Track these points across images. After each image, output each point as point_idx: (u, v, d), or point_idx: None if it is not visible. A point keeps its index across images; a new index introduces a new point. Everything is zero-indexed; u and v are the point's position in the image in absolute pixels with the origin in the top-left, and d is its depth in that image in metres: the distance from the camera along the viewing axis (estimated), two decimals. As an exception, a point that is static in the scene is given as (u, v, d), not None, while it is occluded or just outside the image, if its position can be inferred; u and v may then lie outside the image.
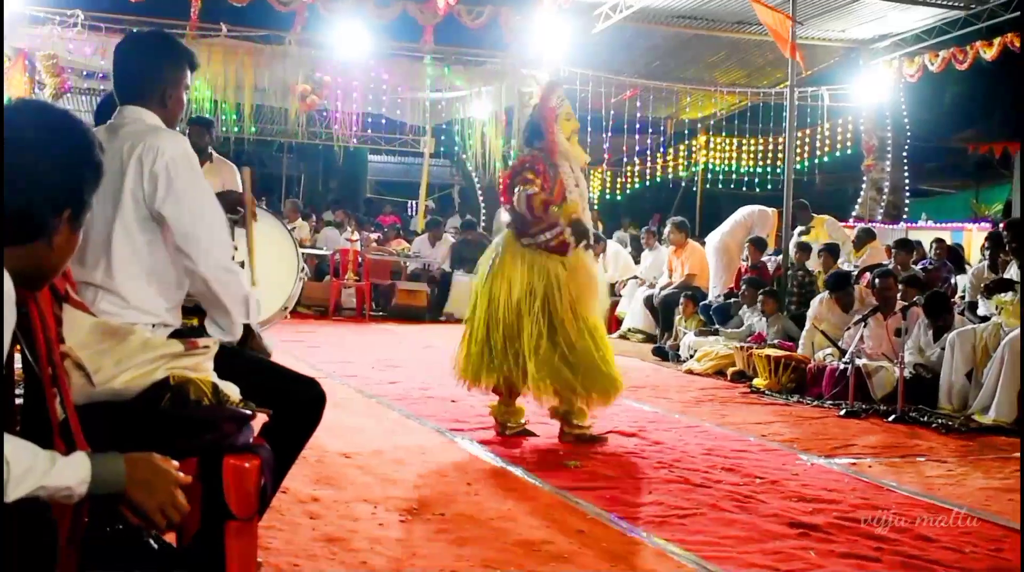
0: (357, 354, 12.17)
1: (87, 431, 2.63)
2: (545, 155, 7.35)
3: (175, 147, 3.73)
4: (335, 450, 6.59)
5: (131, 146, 3.67)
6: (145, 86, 3.90)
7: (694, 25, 19.24)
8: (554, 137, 7.40)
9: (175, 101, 3.97)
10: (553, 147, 7.37)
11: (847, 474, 6.77)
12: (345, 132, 21.05)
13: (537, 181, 7.20)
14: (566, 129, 7.49)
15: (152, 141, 3.70)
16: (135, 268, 3.71)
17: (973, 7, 17.66)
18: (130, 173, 3.66)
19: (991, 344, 9.04)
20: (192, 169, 3.76)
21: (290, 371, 3.90)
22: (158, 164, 3.66)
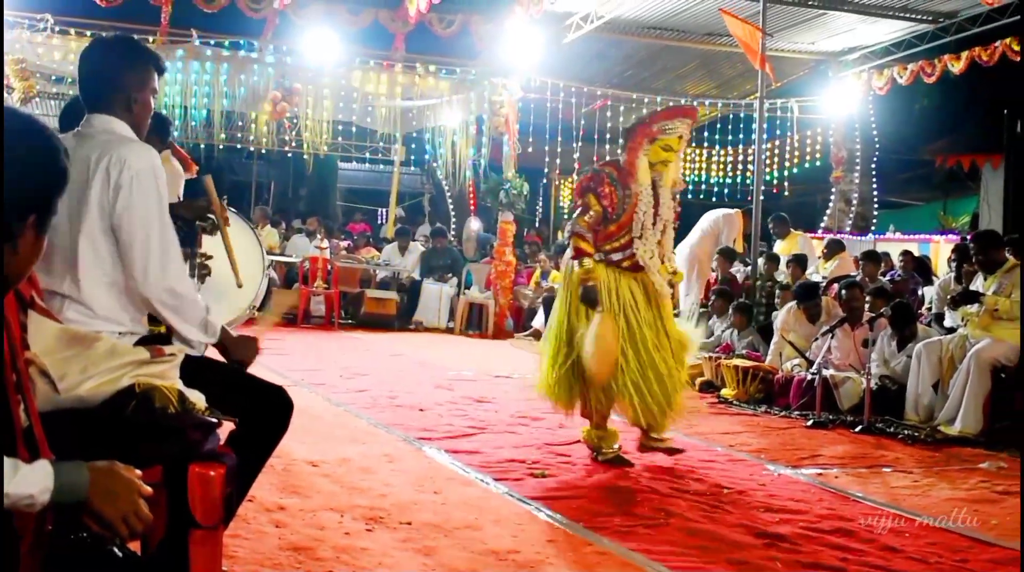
0: (325, 362, 12.15)
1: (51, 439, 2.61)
2: (619, 174, 7.13)
3: (142, 160, 3.69)
4: (302, 458, 6.57)
5: (99, 156, 3.64)
6: (111, 91, 3.85)
7: (665, 36, 19.30)
8: (634, 159, 7.12)
9: (141, 106, 3.93)
10: (630, 170, 7.11)
11: (814, 484, 6.81)
12: (315, 139, 21.00)
13: (596, 206, 7.08)
14: (656, 156, 7.15)
15: (120, 152, 3.66)
16: (101, 278, 3.67)
17: (941, 21, 17.79)
18: (96, 183, 3.62)
19: (957, 356, 9.09)
20: (155, 186, 3.71)
21: (257, 379, 3.88)
22: (123, 176, 3.62)
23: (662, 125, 7.10)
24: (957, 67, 18.01)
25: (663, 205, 7.20)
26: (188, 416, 3.21)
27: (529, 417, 8.85)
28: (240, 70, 19.39)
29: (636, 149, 7.11)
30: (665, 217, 7.21)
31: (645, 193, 7.08)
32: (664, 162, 7.15)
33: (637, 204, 7.05)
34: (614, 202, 7.06)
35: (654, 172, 7.15)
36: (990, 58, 17.43)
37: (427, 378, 11.23)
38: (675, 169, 7.31)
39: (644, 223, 7.06)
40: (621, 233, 7.06)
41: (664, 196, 7.20)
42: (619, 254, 7.07)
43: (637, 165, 7.09)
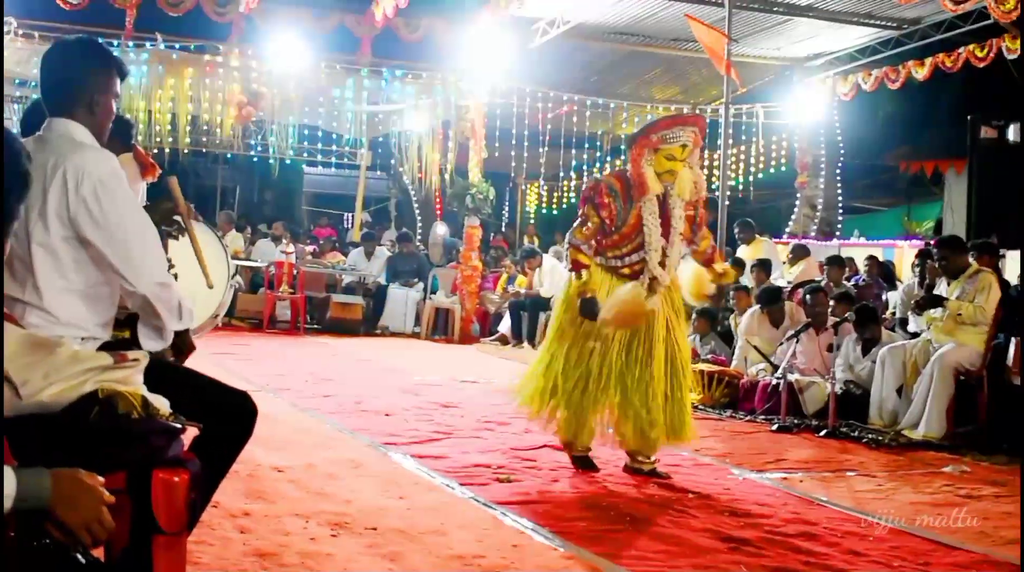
0: (291, 367, 12.11)
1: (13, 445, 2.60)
2: (622, 185, 6.95)
3: (101, 167, 3.63)
4: (267, 464, 6.55)
5: (55, 163, 3.58)
6: (72, 94, 3.80)
7: (631, 41, 19.35)
8: (639, 170, 6.89)
9: (103, 109, 3.87)
10: (638, 181, 6.89)
11: (778, 489, 6.83)
12: (281, 144, 20.95)
13: (594, 217, 6.96)
14: (660, 166, 6.89)
15: (77, 160, 3.59)
16: (63, 285, 3.62)
17: (905, 27, 17.91)
18: (54, 192, 3.57)
19: (921, 360, 9.15)
20: (121, 189, 3.66)
21: (221, 384, 3.87)
22: (84, 187, 3.55)
23: (662, 134, 6.90)
24: (921, 73, 18.13)
25: (674, 216, 6.97)
26: (152, 422, 3.19)
27: (495, 422, 8.85)
28: (205, 74, 19.35)
29: (637, 160, 6.89)
30: (677, 228, 6.98)
31: (650, 204, 6.88)
32: (670, 172, 6.89)
33: (642, 215, 6.88)
34: (613, 214, 6.90)
35: (664, 182, 6.91)
36: (954, 64, 17.55)
37: (393, 383, 11.21)
38: (688, 178, 6.99)
39: (651, 235, 6.87)
40: (624, 242, 6.93)
41: (676, 206, 6.98)
42: (619, 261, 6.97)
43: (645, 175, 6.85)
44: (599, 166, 24.65)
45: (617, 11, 17.47)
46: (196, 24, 19.25)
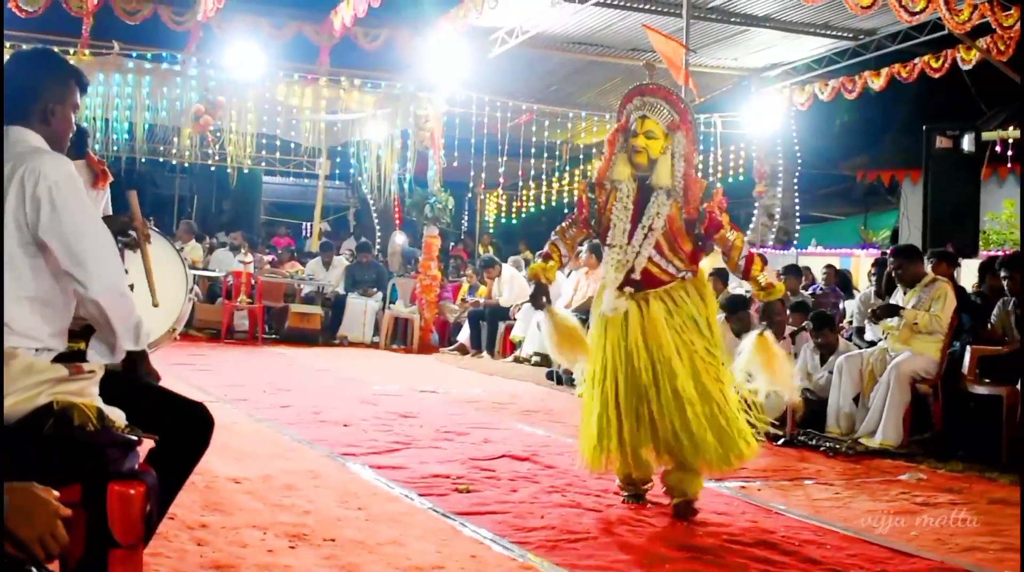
0: (249, 377, 12.06)
1: (-34, 458, 2.58)
2: (599, 177, 6.45)
3: (57, 170, 3.61)
4: (224, 475, 6.51)
5: (12, 168, 3.56)
6: (28, 103, 3.78)
7: (589, 51, 19.39)
8: (609, 155, 6.38)
9: (59, 119, 3.86)
10: (605, 167, 6.40)
11: (737, 497, 6.85)
12: (239, 153, 20.87)
13: (575, 220, 6.57)
14: (630, 149, 6.27)
15: (34, 164, 3.57)
16: (18, 294, 3.58)
17: (861, 38, 18.03)
18: (11, 196, 3.54)
19: (878, 369, 9.21)
20: (76, 192, 3.64)
21: (177, 395, 3.85)
22: (40, 188, 3.54)
23: (627, 111, 6.37)
24: (877, 83, 18.28)
25: (647, 209, 6.20)
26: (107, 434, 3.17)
27: (454, 432, 8.83)
28: (163, 83, 19.23)
29: (611, 143, 6.38)
30: (652, 223, 6.18)
31: (622, 194, 6.25)
32: (637, 152, 6.20)
33: (612, 207, 6.29)
34: (585, 214, 6.46)
35: (637, 168, 6.23)
36: (909, 75, 17.70)
37: (352, 393, 11.18)
38: (665, 165, 6.21)
39: (616, 228, 6.24)
40: (604, 241, 6.40)
41: (655, 199, 6.20)
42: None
43: (613, 161, 6.30)
44: (558, 175, 24.72)
45: (575, 21, 17.51)
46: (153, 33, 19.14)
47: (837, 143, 25.89)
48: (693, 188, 6.25)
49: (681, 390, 6.02)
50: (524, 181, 24.93)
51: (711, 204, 6.28)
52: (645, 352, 6.12)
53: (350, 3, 17.25)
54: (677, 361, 6.08)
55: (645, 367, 6.10)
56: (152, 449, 3.60)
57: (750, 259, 6.42)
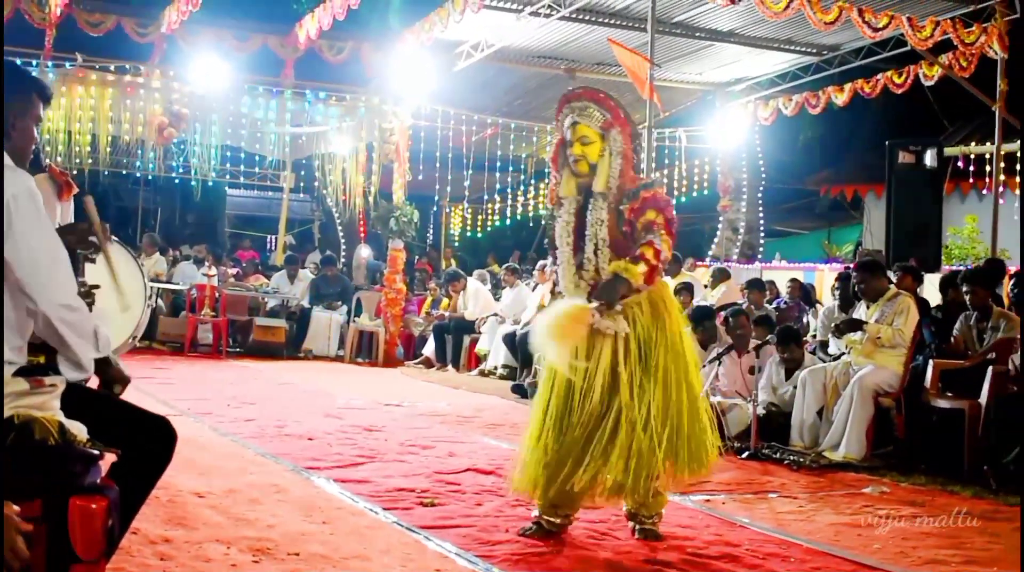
0: (213, 391, 12.00)
1: (-75, 472, 2.55)
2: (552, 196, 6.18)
3: (16, 185, 3.57)
4: (187, 489, 6.47)
5: None
6: None
7: (554, 65, 19.45)
8: (555, 169, 6.09)
9: (20, 132, 3.82)
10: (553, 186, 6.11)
11: (701, 511, 6.86)
12: (203, 166, 20.78)
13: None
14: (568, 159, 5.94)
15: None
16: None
17: (825, 53, 18.18)
18: None
19: (841, 382, 9.25)
20: (34, 207, 3.60)
21: (140, 409, 3.82)
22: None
23: (560, 123, 6.07)
24: (840, 99, 18.41)
25: (590, 219, 5.83)
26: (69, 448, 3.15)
27: (419, 445, 8.81)
28: (126, 95, 19.16)
29: (555, 162, 6.07)
30: (592, 235, 5.80)
31: (563, 211, 5.96)
32: (577, 161, 5.87)
33: (556, 225, 6.00)
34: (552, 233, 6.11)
35: (580, 180, 5.92)
36: (872, 90, 17.84)
37: (316, 407, 11.14)
38: (604, 167, 5.84)
39: (561, 242, 5.93)
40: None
41: (595, 207, 5.82)
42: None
43: (561, 175, 5.98)
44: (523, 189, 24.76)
45: (540, 35, 17.56)
46: (117, 44, 19.09)
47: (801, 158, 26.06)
48: (628, 185, 5.83)
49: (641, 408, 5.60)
50: (489, 194, 24.99)
51: (635, 201, 5.78)
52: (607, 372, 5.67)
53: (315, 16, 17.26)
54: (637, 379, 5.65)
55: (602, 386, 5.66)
56: (114, 463, 3.57)
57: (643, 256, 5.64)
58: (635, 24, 16.40)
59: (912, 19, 14.63)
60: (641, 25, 15.69)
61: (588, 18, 16.58)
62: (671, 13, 16.28)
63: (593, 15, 16.53)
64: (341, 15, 16.22)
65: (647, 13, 14.43)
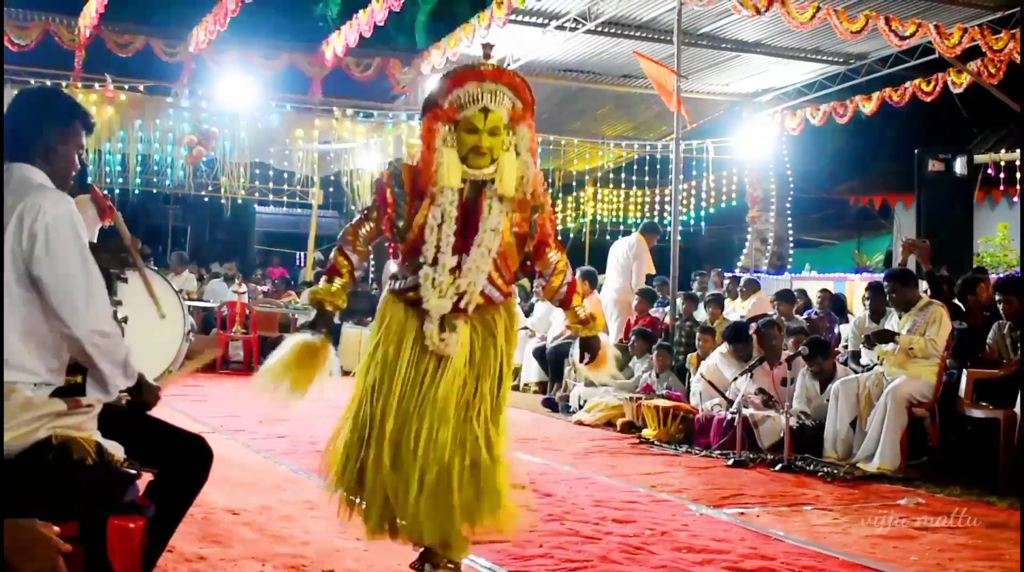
0: (244, 408, 12.01)
1: (-34, 494, 2.57)
2: (410, 173, 4.98)
3: (57, 208, 3.60)
4: (222, 507, 6.49)
5: (12, 203, 3.56)
6: (31, 141, 3.78)
7: (581, 79, 19.48)
8: (428, 152, 4.91)
9: (62, 158, 3.85)
10: (424, 166, 4.92)
11: (735, 524, 6.83)
12: (232, 183, 20.87)
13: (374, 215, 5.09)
14: (462, 145, 4.89)
15: (34, 199, 3.57)
16: (15, 328, 3.55)
17: (852, 62, 18.14)
18: (10, 230, 3.53)
19: (874, 393, 9.20)
20: (73, 232, 3.63)
21: (176, 429, 3.84)
22: (38, 224, 3.53)
23: (453, 97, 4.90)
24: (868, 107, 18.37)
25: (486, 221, 4.93)
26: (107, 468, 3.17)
27: (451, 461, 8.78)
28: (156, 114, 19.29)
29: (430, 137, 4.91)
30: (486, 241, 4.92)
31: (443, 200, 4.87)
32: (476, 152, 4.89)
33: (427, 215, 4.90)
34: (390, 213, 4.98)
35: (473, 170, 4.91)
36: (900, 98, 17.79)
37: (348, 423, 11.12)
38: (511, 166, 4.94)
39: (439, 242, 4.87)
40: (410, 256, 4.99)
41: (492, 208, 4.93)
42: (402, 282, 5.06)
43: (434, 159, 4.86)
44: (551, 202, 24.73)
45: (567, 49, 17.60)
46: (146, 65, 19.26)
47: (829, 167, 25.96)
48: (538, 190, 5.12)
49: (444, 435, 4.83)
50: (517, 208, 24.95)
51: (542, 215, 5.16)
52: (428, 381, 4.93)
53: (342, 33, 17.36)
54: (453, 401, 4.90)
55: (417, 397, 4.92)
56: (151, 482, 3.59)
57: (572, 286, 5.42)
58: (661, 36, 16.42)
59: (939, 26, 14.59)
60: (667, 37, 15.70)
61: (614, 31, 16.61)
62: (697, 24, 16.29)
63: (619, 28, 16.56)
64: (367, 32, 16.30)
65: (673, 25, 14.44)
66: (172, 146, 19.64)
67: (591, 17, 15.92)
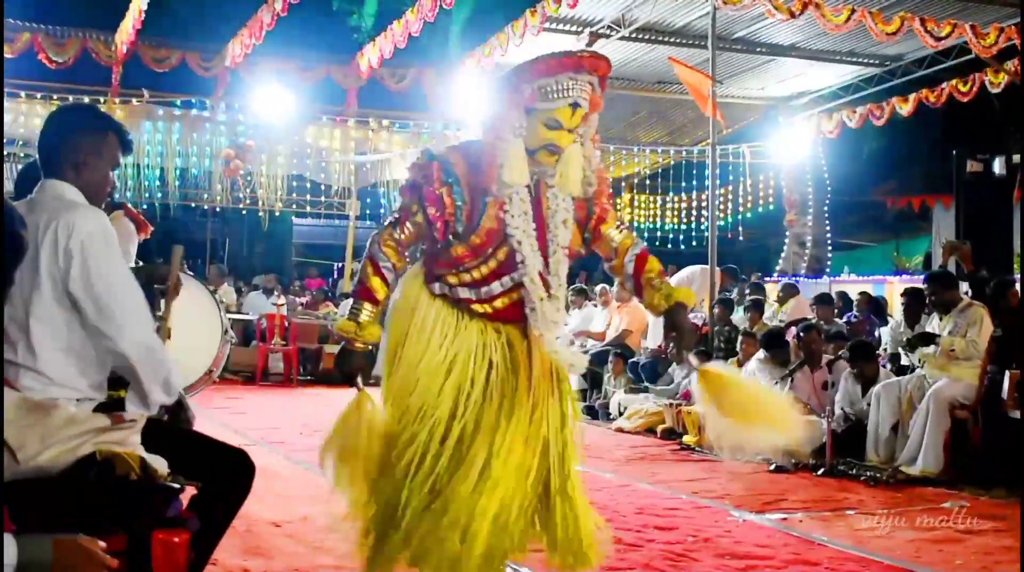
0: (285, 419, 12.07)
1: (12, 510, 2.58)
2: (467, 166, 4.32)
3: (90, 224, 3.62)
4: (264, 519, 6.51)
5: (47, 221, 3.57)
6: (64, 157, 3.80)
7: (615, 85, 19.43)
8: (497, 142, 4.26)
9: (92, 170, 3.84)
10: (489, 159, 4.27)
11: (779, 529, 6.80)
12: (269, 196, 20.97)
13: (418, 215, 4.35)
14: (537, 138, 4.26)
15: (68, 217, 3.59)
16: (55, 346, 3.59)
17: (888, 64, 18.04)
18: (45, 249, 3.55)
19: (916, 396, 9.15)
20: (108, 246, 3.65)
21: (218, 442, 3.85)
22: (72, 242, 3.55)
23: (542, 85, 4.22)
24: (905, 109, 18.24)
25: (553, 220, 4.42)
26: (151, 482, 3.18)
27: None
28: (193, 128, 19.47)
29: (503, 126, 4.28)
30: (560, 238, 4.43)
31: (517, 199, 4.33)
32: (550, 149, 4.29)
33: (504, 217, 4.32)
34: (448, 211, 4.30)
35: (538, 165, 4.33)
36: (937, 99, 17.66)
37: (388, 433, 11.14)
38: (577, 162, 4.38)
39: (523, 248, 4.32)
40: (476, 259, 4.37)
41: (557, 206, 4.42)
42: (473, 291, 4.41)
43: (503, 153, 4.25)
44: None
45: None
46: (182, 79, 19.41)
47: (866, 169, 25.84)
48: (603, 185, 4.60)
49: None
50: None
51: (599, 191, 4.58)
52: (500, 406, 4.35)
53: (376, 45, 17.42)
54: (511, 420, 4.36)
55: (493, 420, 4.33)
56: (194, 496, 3.60)
57: (642, 256, 4.67)
58: (696, 41, 16.37)
59: (975, 26, 14.49)
60: (702, 42, 15.64)
61: (649, 37, 16.57)
62: (732, 29, 16.25)
63: (654, 34, 16.52)
64: (402, 43, 16.36)
65: (707, 30, 14.39)
66: (210, 160, 19.78)
67: (625, 24, 15.90)
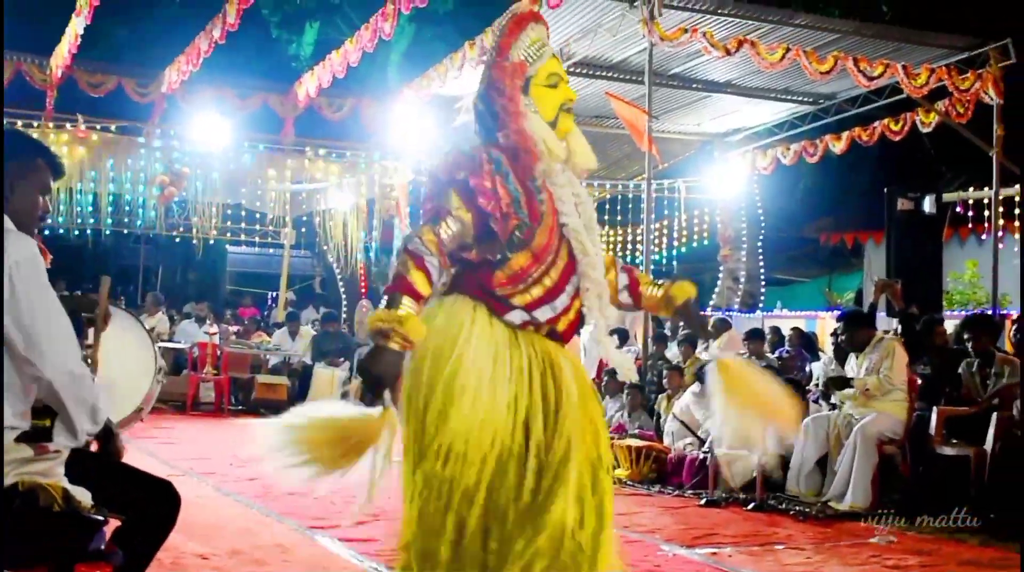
0: (215, 450, 11.96)
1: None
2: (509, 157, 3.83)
3: (19, 250, 3.58)
4: (191, 551, 6.44)
5: None
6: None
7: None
8: (520, 120, 3.86)
9: (20, 197, 3.78)
10: (521, 141, 3.84)
11: (708, 564, 6.82)
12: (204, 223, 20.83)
13: (463, 211, 3.74)
14: (547, 103, 3.94)
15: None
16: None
17: (822, 102, 18.25)
18: None
19: (843, 432, 9.22)
20: (36, 273, 3.61)
21: (143, 473, 3.81)
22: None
23: (521, 48, 3.97)
24: (838, 147, 18.45)
25: (586, 206, 4.06)
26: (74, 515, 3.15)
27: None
28: (127, 154, 19.27)
29: (513, 103, 3.90)
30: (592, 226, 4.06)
31: (562, 181, 3.96)
32: (566, 109, 3.98)
33: (555, 205, 3.89)
34: (504, 201, 3.73)
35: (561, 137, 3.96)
36: (870, 138, 17.88)
37: (320, 464, 11.07)
38: (577, 131, 4.08)
39: (580, 239, 3.90)
40: (539, 267, 3.82)
41: (576, 186, 4.07)
42: (543, 309, 3.87)
43: (534, 131, 3.86)
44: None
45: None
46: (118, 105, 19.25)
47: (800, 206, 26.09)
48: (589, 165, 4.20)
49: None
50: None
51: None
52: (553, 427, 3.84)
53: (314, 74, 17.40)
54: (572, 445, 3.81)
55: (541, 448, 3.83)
56: (118, 528, 3.56)
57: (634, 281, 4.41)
58: (633, 77, 16.48)
59: (907, 67, 14.72)
60: (638, 78, 15.76)
61: (587, 72, 16.65)
62: (668, 65, 16.36)
63: (591, 69, 16.61)
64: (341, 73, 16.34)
65: (644, 66, 14.51)
66: (144, 186, 19.62)
67: (563, 58, 15.98)
